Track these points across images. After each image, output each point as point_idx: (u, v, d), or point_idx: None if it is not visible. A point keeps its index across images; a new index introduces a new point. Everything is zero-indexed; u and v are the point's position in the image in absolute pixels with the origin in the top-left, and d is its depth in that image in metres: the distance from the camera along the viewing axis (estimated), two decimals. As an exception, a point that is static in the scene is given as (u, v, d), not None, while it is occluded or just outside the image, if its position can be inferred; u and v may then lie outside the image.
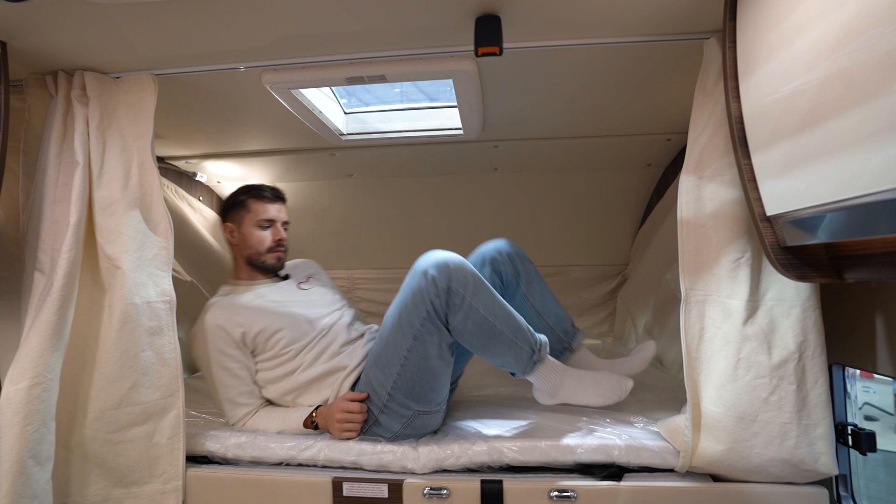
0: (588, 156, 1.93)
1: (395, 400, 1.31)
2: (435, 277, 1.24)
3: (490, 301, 1.27)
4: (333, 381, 1.44)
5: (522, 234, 2.35)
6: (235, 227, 1.61)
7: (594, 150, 1.89)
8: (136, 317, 1.21)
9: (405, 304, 1.30)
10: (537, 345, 1.31)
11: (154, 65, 1.22)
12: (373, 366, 1.37)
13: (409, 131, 1.70)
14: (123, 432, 1.21)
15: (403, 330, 1.29)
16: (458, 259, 1.29)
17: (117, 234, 1.21)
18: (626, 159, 1.95)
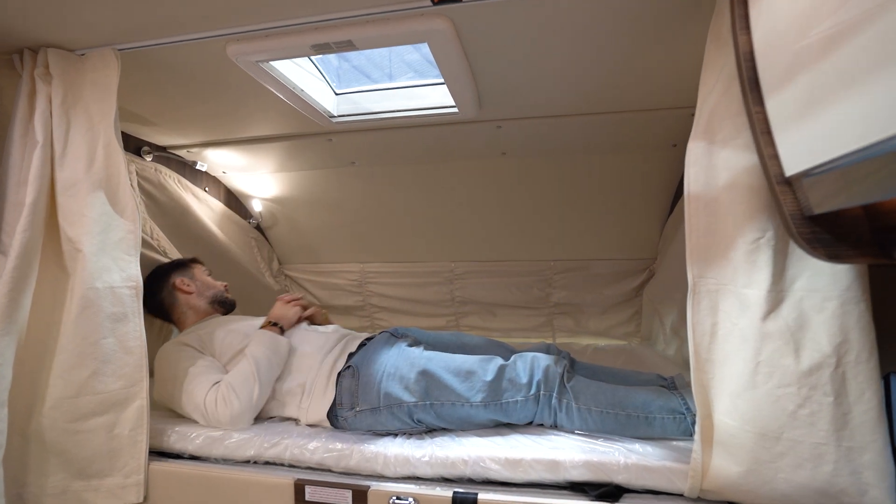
0: (604, 135, 1.72)
1: (407, 413, 1.25)
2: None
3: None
4: (310, 364, 1.38)
5: (538, 225, 2.16)
6: (188, 280, 1.60)
7: (611, 129, 1.67)
8: (96, 302, 1.14)
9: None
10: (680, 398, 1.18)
11: (116, 38, 1.14)
12: (408, 384, 1.27)
13: (401, 111, 1.55)
14: (82, 422, 1.13)
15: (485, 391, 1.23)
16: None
17: (79, 216, 1.14)
18: (649, 138, 1.72)
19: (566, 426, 1.18)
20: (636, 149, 1.78)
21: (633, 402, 1.14)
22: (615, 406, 1.14)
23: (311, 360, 1.38)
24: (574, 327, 2.35)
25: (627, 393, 1.16)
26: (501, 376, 1.23)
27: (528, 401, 1.19)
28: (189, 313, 1.56)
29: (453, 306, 2.46)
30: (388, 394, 1.25)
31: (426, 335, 1.56)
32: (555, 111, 1.58)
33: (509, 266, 2.32)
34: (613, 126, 1.64)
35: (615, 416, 1.13)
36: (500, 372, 1.23)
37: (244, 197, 2.29)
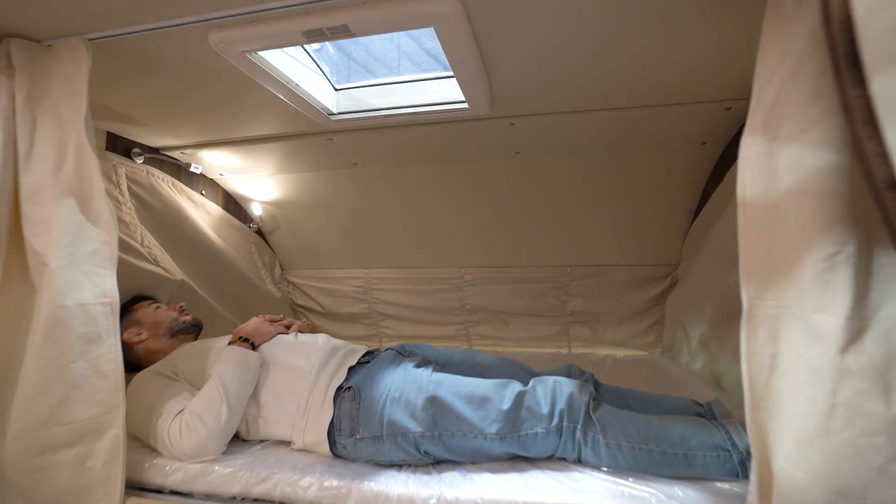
0: (627, 133, 1.56)
1: (412, 444, 1.10)
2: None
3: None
4: (304, 380, 1.25)
5: (553, 229, 2.01)
6: (136, 328, 1.41)
7: (634, 126, 1.51)
8: (65, 321, 1.01)
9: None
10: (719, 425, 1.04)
11: (86, 26, 1.01)
12: (414, 411, 1.12)
13: (405, 107, 1.41)
14: (49, 455, 1.00)
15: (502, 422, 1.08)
16: None
17: (46, 226, 1.01)
18: (676, 136, 1.56)
19: (592, 462, 1.03)
20: (661, 147, 1.62)
21: (669, 436, 0.99)
22: (648, 441, 0.98)
23: (306, 376, 1.24)
24: (591, 337, 2.20)
25: (662, 426, 1.01)
26: (520, 405, 1.08)
27: (549, 433, 1.04)
28: (156, 356, 1.37)
29: (463, 314, 2.32)
30: (392, 421, 1.11)
31: (436, 353, 1.42)
32: (573, 106, 1.43)
33: (522, 272, 2.17)
34: (637, 123, 1.49)
35: (649, 453, 0.98)
36: (519, 399, 1.09)
37: (243, 200, 2.16)
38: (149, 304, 1.46)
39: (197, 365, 1.28)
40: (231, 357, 1.21)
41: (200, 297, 1.81)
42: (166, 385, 1.22)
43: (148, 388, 1.21)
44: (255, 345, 1.31)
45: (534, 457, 1.08)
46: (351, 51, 1.54)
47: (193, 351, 1.34)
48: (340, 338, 2.49)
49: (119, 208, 1.57)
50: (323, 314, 2.47)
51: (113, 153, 1.57)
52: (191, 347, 1.36)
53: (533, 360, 2.15)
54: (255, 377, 1.23)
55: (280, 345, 1.33)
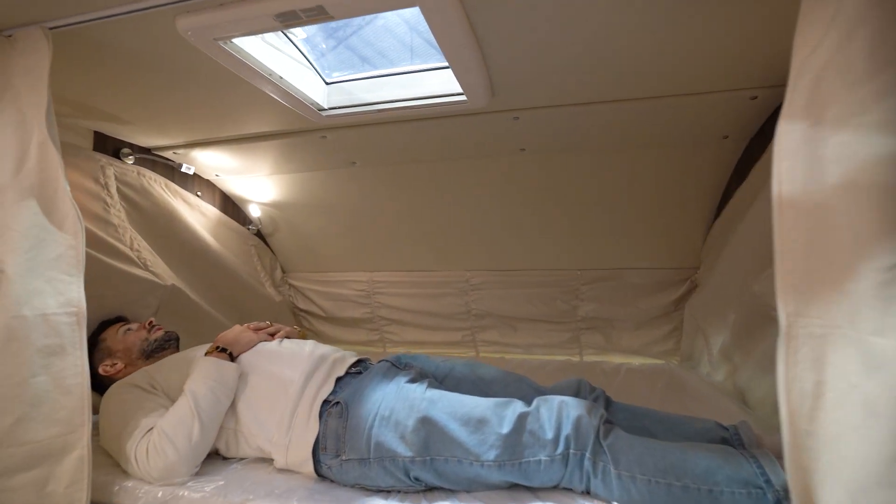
0: (641, 127, 1.42)
1: (402, 469, 0.99)
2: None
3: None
4: (288, 391, 1.13)
5: (563, 230, 1.87)
6: (111, 359, 1.33)
7: (649, 118, 1.37)
8: (23, 333, 0.92)
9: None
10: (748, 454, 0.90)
11: (45, 14, 0.92)
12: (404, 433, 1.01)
13: (399, 101, 1.30)
14: (5, 479, 0.91)
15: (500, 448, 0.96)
16: None
17: (4, 230, 0.93)
18: (695, 129, 1.42)
19: (602, 495, 0.90)
20: (679, 142, 1.48)
21: (691, 468, 0.85)
22: (667, 473, 0.85)
23: (289, 388, 1.13)
24: (604, 344, 2.06)
25: (683, 455, 0.87)
26: (521, 428, 0.95)
27: (554, 461, 0.91)
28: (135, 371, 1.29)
29: (469, 320, 2.20)
30: (380, 444, 1.00)
31: (435, 366, 1.30)
32: (581, 98, 1.30)
33: (530, 276, 2.04)
34: (652, 114, 1.35)
35: (667, 488, 0.84)
36: (520, 422, 0.96)
37: (241, 202, 2.07)
38: (117, 328, 1.37)
39: (175, 376, 1.18)
40: (205, 370, 1.12)
41: (193, 302, 1.73)
42: (140, 399, 1.13)
43: (120, 400, 1.13)
44: (233, 355, 1.21)
45: (536, 486, 0.95)
46: (356, 45, 1.42)
47: (172, 362, 1.25)
48: (343, 343, 2.42)
49: (107, 210, 1.49)
50: (325, 318, 2.38)
51: (101, 154, 1.50)
52: (170, 358, 1.27)
53: (542, 368, 2.02)
54: (231, 391, 1.13)
55: (262, 353, 1.23)
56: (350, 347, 2.38)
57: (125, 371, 1.30)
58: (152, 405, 1.11)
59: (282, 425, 1.08)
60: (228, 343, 1.22)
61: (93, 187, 1.45)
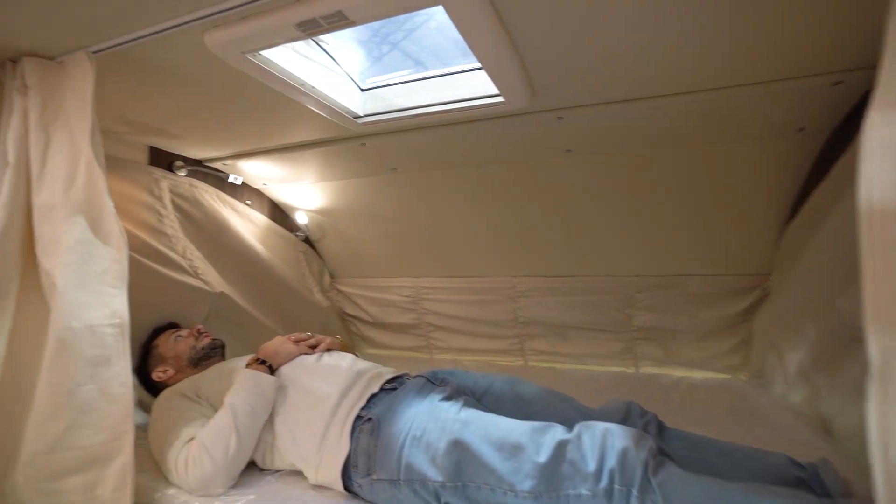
0: (702, 121, 1.28)
1: (432, 494, 0.94)
2: None
3: None
4: (323, 407, 1.10)
5: (616, 234, 1.75)
6: (164, 365, 1.37)
7: (711, 112, 1.23)
8: (73, 344, 0.95)
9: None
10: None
11: (88, 39, 0.95)
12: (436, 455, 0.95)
13: (433, 105, 1.24)
14: (58, 481, 0.95)
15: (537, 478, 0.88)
16: None
17: (55, 245, 0.97)
18: (765, 122, 1.26)
19: (650, 538, 0.80)
20: (746, 136, 1.32)
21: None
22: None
23: (324, 403, 1.11)
24: (662, 356, 1.90)
25: (748, 499, 0.76)
26: (560, 457, 0.87)
27: (595, 497, 0.82)
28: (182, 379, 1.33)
29: (517, 327, 2.11)
30: (410, 465, 0.95)
31: (473, 381, 1.24)
32: (632, 93, 1.19)
33: (581, 283, 1.93)
34: (715, 108, 1.21)
35: None
36: (559, 451, 0.88)
37: (289, 209, 2.11)
38: (168, 335, 1.41)
39: (218, 386, 1.20)
40: (244, 382, 1.12)
41: (242, 308, 1.77)
42: (185, 407, 1.15)
43: (165, 409, 1.16)
44: (273, 367, 1.21)
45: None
46: (411, 50, 1.38)
47: (216, 371, 1.27)
48: (390, 349, 2.41)
49: (161, 221, 1.55)
50: (372, 324, 2.38)
51: (156, 167, 1.56)
52: (215, 367, 1.29)
53: (595, 380, 1.90)
54: (269, 404, 1.13)
55: (301, 367, 1.22)
56: (397, 353, 2.39)
57: (176, 377, 1.34)
58: (195, 414, 1.13)
59: (314, 442, 1.06)
60: (268, 355, 1.23)
61: (148, 199, 1.52)
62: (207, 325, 1.65)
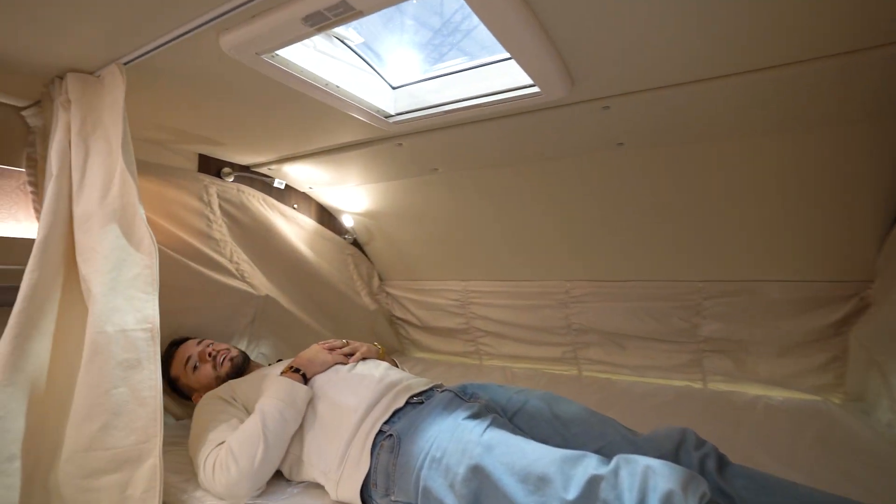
0: (778, 104, 1.09)
1: None
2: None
3: None
4: (349, 421, 1.06)
5: (679, 234, 1.58)
6: (197, 393, 1.34)
7: (791, 93, 1.05)
8: (107, 347, 0.98)
9: None
10: None
11: (117, 50, 0.97)
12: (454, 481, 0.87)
13: (465, 99, 1.16)
14: (94, 479, 0.98)
15: None
16: None
17: (91, 252, 1.00)
18: (861, 101, 1.05)
19: None
20: (837, 119, 1.11)
21: None
22: None
23: (350, 416, 1.06)
24: (735, 371, 1.68)
25: None
26: (592, 495, 0.75)
27: None
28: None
29: (570, 335, 1.97)
30: (428, 489, 0.88)
31: (506, 397, 1.14)
32: (688, 74, 1.03)
33: (640, 288, 1.76)
34: (795, 87, 1.02)
35: None
36: (591, 487, 0.76)
37: (335, 212, 2.12)
38: (182, 365, 1.35)
39: (252, 391, 1.20)
40: (277, 390, 1.10)
41: (287, 311, 1.79)
42: (220, 410, 1.16)
43: (202, 412, 1.17)
44: (307, 376, 1.18)
45: (609, 571, 0.74)
46: (472, 51, 1.32)
47: (254, 376, 1.27)
48: (439, 354, 2.35)
49: (210, 226, 1.60)
50: (421, 328, 2.33)
51: (204, 174, 1.61)
52: (254, 373, 1.30)
53: (656, 394, 1.72)
54: (300, 413, 1.10)
55: (332, 377, 1.19)
56: (445, 358, 2.33)
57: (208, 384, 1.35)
58: (228, 417, 1.13)
59: (337, 456, 1.02)
60: (303, 364, 1.21)
61: (198, 205, 1.57)
62: (253, 328, 1.69)
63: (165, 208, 1.48)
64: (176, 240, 1.48)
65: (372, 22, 1.15)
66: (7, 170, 1.30)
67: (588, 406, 1.10)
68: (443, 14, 1.30)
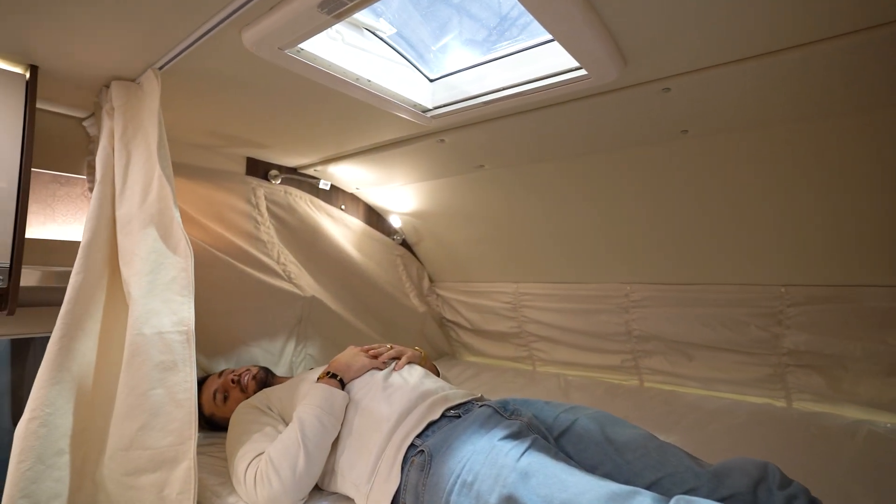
0: (871, 77, 0.89)
1: None
2: None
3: None
4: (380, 431, 1.00)
5: (754, 232, 1.38)
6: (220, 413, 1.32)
7: (885, 61, 0.85)
8: (145, 349, 0.98)
9: None
10: None
11: (153, 56, 0.97)
12: None
13: (505, 88, 1.06)
14: (135, 477, 0.99)
15: None
16: None
17: (131, 255, 1.01)
18: None
19: None
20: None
21: None
22: None
23: (383, 425, 1.00)
24: (827, 390, 1.45)
25: None
26: None
27: None
28: None
29: (630, 342, 1.80)
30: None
31: (552, 415, 1.02)
32: (759, 45, 0.87)
33: (710, 292, 1.57)
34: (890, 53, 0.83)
35: None
36: None
37: (384, 212, 2.08)
38: (210, 399, 1.33)
39: (287, 398, 1.17)
40: (315, 397, 1.06)
41: (333, 312, 1.77)
42: (253, 420, 1.14)
43: (237, 421, 1.15)
44: (343, 381, 1.14)
45: None
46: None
47: (288, 383, 1.24)
48: (490, 358, 2.25)
49: (258, 228, 1.61)
50: (471, 331, 2.24)
51: (252, 177, 1.63)
52: (290, 381, 1.27)
53: (730, 411, 1.52)
54: (338, 420, 1.06)
55: (367, 382, 1.14)
56: (497, 363, 2.22)
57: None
58: (262, 427, 1.11)
59: (367, 468, 0.96)
60: (339, 369, 1.16)
61: (245, 208, 1.58)
62: (300, 329, 1.68)
63: (214, 211, 1.51)
64: (225, 242, 1.50)
65: (405, 9, 1.08)
66: (72, 178, 1.37)
67: (651, 420, 0.95)
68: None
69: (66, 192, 1.37)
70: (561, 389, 1.84)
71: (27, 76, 1.01)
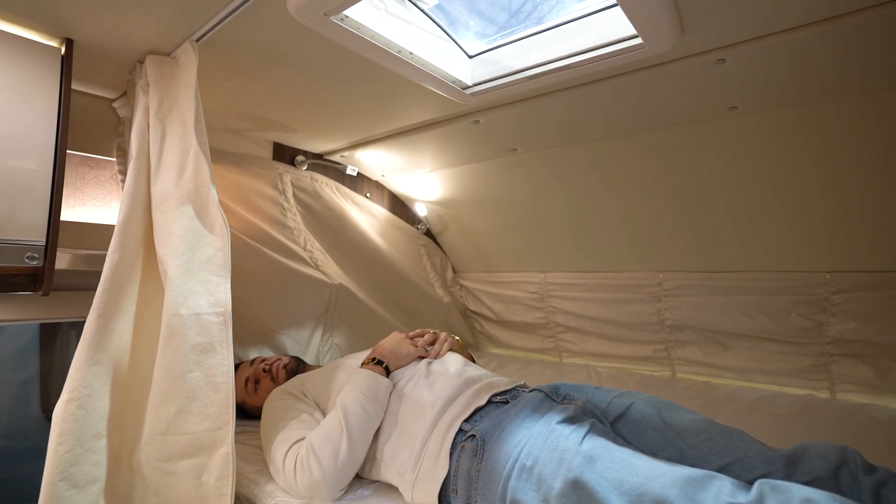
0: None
1: None
2: None
3: None
4: (424, 419, 0.95)
5: (798, 216, 1.32)
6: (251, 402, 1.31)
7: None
8: (181, 330, 0.94)
9: None
10: None
11: (190, 27, 0.93)
12: (548, 495, 0.73)
13: (552, 61, 1.01)
14: (172, 463, 0.95)
15: None
16: None
17: (167, 234, 0.97)
18: None
19: None
20: None
21: None
22: None
23: (425, 414, 0.96)
24: (875, 381, 1.39)
25: None
26: None
27: None
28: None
29: (663, 332, 1.75)
30: (517, 502, 0.75)
31: (605, 400, 0.97)
32: (823, 9, 0.81)
33: (747, 279, 1.51)
34: None
35: None
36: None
37: (408, 201, 2.04)
38: (242, 389, 1.32)
39: (322, 384, 1.13)
40: (358, 383, 1.02)
41: (359, 300, 1.73)
42: (288, 406, 1.10)
43: (272, 408, 1.12)
44: (389, 369, 1.10)
45: None
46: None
47: (325, 368, 1.21)
48: (516, 349, 2.21)
49: (284, 214, 1.58)
50: (496, 322, 2.20)
51: (279, 162, 1.59)
52: (325, 366, 1.24)
53: (769, 403, 1.47)
54: (382, 408, 1.01)
55: (407, 370, 1.10)
56: (523, 354, 2.18)
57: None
58: (298, 413, 1.07)
59: (412, 456, 0.92)
60: (385, 355, 1.12)
61: (272, 193, 1.55)
62: (327, 318, 1.65)
63: (241, 196, 1.47)
64: (252, 227, 1.47)
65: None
66: (102, 160, 1.34)
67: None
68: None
69: (96, 175, 1.34)
70: (591, 380, 1.79)
71: (62, 51, 0.98)
